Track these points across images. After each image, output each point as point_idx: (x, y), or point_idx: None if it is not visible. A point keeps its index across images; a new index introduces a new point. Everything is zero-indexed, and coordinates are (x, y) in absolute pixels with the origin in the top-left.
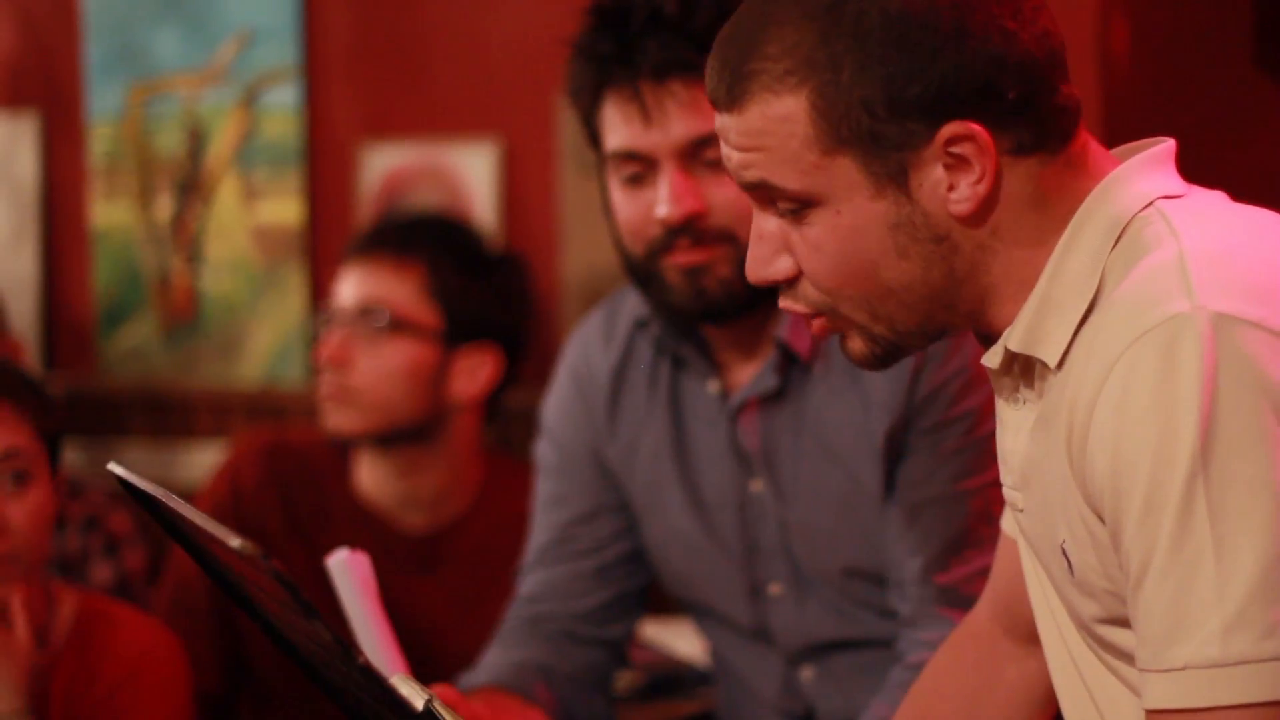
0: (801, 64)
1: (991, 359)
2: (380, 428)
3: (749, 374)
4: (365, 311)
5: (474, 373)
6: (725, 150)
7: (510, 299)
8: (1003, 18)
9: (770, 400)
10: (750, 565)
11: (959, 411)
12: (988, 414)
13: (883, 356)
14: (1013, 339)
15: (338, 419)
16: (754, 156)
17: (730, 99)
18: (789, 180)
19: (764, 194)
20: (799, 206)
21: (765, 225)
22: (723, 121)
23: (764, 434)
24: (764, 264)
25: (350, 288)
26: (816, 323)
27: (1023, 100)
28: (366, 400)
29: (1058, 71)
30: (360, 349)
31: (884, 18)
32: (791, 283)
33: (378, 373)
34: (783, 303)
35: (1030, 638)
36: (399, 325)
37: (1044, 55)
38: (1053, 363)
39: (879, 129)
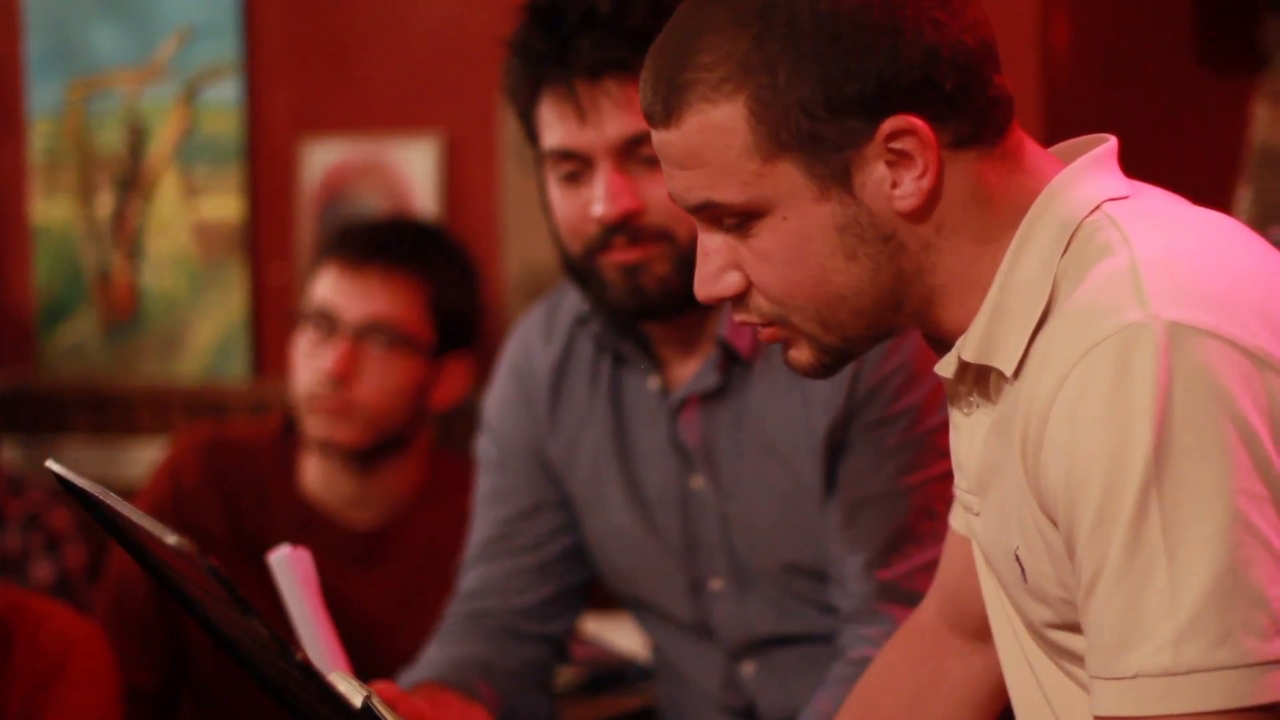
0: (736, 70)
1: (945, 369)
2: (372, 440)
3: (690, 371)
4: (375, 327)
5: (452, 382)
6: (667, 170)
7: (482, 309)
8: (933, 9)
9: (711, 397)
10: (691, 561)
11: (900, 408)
12: (928, 410)
13: (830, 365)
14: (967, 349)
15: (335, 431)
16: (695, 175)
17: (666, 112)
18: (732, 193)
19: (710, 213)
20: (744, 219)
21: (711, 242)
22: (660, 138)
23: (704, 430)
24: (712, 281)
25: (354, 299)
26: (767, 332)
27: (959, 91)
28: (366, 414)
29: (990, 61)
30: (365, 364)
31: (816, 17)
32: (741, 297)
33: (381, 389)
34: (736, 316)
35: (977, 634)
36: (404, 342)
37: (977, 45)
38: (1009, 371)
39: (819, 130)
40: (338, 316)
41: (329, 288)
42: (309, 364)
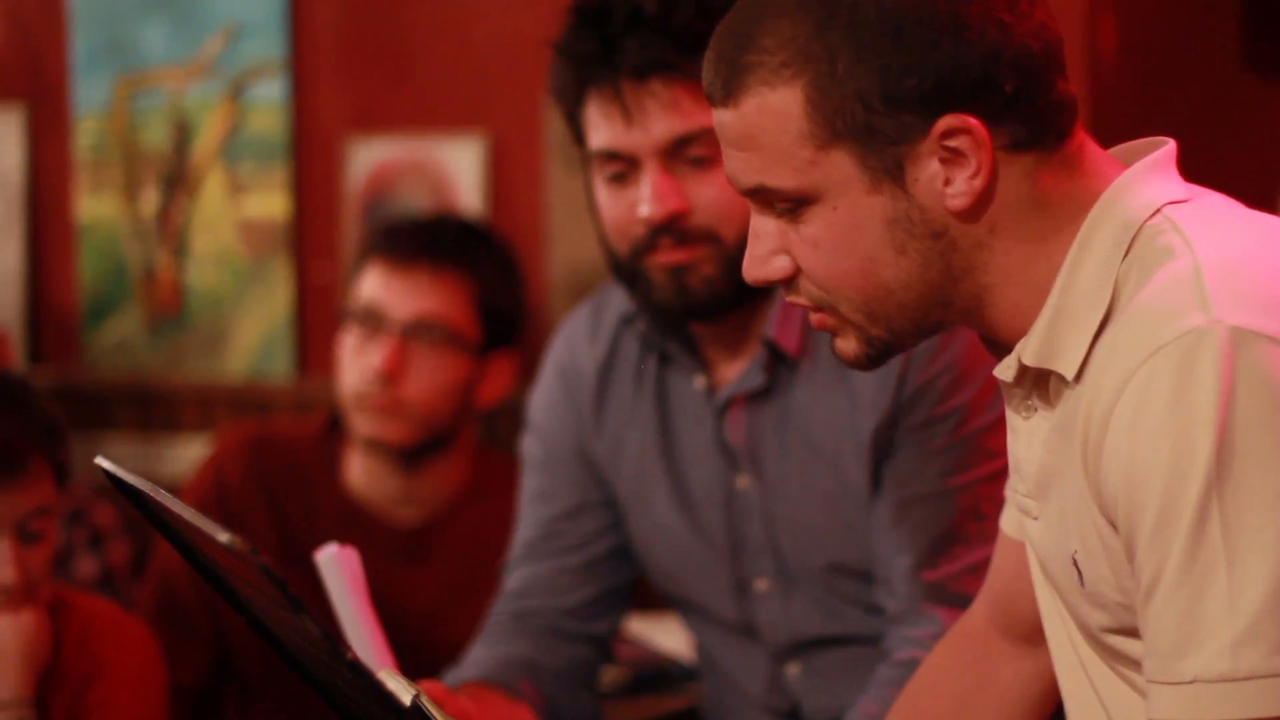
0: (797, 56)
1: (1005, 372)
2: (421, 438)
3: (735, 370)
4: (423, 325)
5: (497, 379)
6: (724, 150)
7: (526, 305)
8: (999, 10)
9: (757, 397)
10: (736, 561)
11: (946, 408)
12: (976, 410)
13: (875, 357)
14: (1027, 353)
15: (384, 429)
16: (750, 158)
17: (726, 93)
18: (784, 179)
19: (762, 197)
20: (796, 205)
21: (763, 225)
22: (719, 118)
23: (750, 430)
24: (761, 263)
25: (401, 297)
26: (817, 317)
27: (1019, 95)
28: (416, 412)
29: (1055, 66)
30: (414, 362)
31: (880, 9)
32: (790, 281)
33: (430, 386)
34: (787, 296)
35: (1026, 638)
36: (452, 340)
37: (1041, 49)
38: (1070, 375)
39: (874, 122)
40: (385, 314)
41: (375, 286)
42: (356, 362)
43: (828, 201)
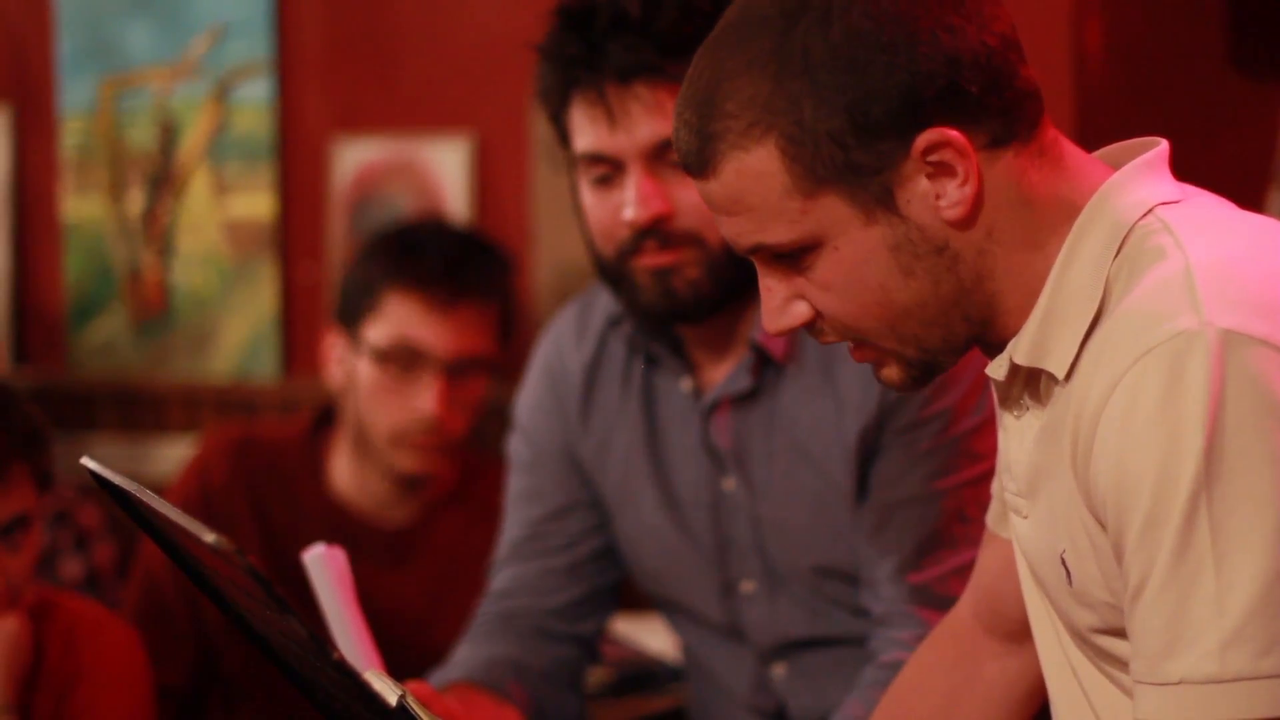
0: (763, 113)
1: (997, 371)
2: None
3: (722, 373)
4: (467, 361)
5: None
6: (716, 216)
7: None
8: (947, 16)
9: (743, 400)
10: (723, 563)
11: (932, 411)
12: (962, 413)
13: (919, 378)
14: (1019, 352)
15: (431, 465)
16: (742, 221)
17: (701, 164)
18: (780, 234)
19: (764, 254)
20: (798, 254)
21: (771, 278)
22: (702, 189)
23: (736, 433)
24: (780, 314)
25: (445, 335)
26: (857, 352)
27: (986, 92)
28: (456, 443)
29: (1014, 55)
30: (456, 396)
31: (830, 47)
32: (812, 324)
33: (470, 417)
34: (819, 339)
35: (1012, 635)
36: (489, 368)
37: (997, 42)
38: (1060, 375)
39: (854, 158)
40: (427, 353)
41: (410, 323)
42: (394, 401)
43: (828, 244)
